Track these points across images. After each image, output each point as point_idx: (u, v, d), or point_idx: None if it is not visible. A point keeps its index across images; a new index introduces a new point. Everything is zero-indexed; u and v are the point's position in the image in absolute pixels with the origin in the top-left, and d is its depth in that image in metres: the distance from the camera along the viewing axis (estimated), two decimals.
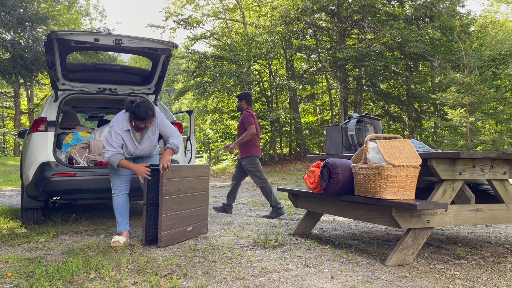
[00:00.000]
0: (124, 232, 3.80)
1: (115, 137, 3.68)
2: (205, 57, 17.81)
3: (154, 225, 3.65)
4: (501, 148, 10.54)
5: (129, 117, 3.71)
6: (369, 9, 17.28)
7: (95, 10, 36.32)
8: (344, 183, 3.24)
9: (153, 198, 3.64)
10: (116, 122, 3.77)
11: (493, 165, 3.17)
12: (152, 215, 3.65)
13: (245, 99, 5.79)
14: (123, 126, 3.73)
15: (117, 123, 3.76)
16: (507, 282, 2.59)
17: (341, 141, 5.09)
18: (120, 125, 3.73)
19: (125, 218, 3.83)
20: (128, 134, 3.76)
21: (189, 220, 3.87)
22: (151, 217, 3.64)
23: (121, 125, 3.73)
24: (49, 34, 4.22)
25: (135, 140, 3.81)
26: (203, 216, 4.10)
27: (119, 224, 3.81)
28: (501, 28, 27.31)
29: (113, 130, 3.73)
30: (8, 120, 30.96)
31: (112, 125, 3.76)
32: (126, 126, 3.72)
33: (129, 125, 3.72)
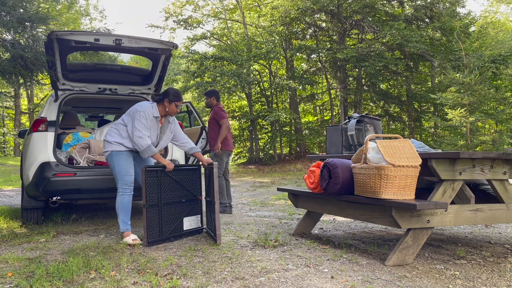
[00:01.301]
0: (129, 231, 3.79)
1: (146, 123, 3.76)
2: (205, 58, 17.82)
3: (156, 226, 3.65)
4: (501, 148, 10.54)
5: (161, 106, 3.88)
6: (369, 9, 17.29)
7: (95, 10, 36.31)
8: (344, 183, 3.24)
9: (153, 199, 3.65)
10: (146, 108, 3.82)
11: (493, 165, 3.17)
12: (153, 216, 3.65)
13: (214, 96, 6.00)
14: (154, 113, 3.84)
15: (147, 109, 3.82)
16: (507, 282, 2.59)
17: (341, 141, 5.09)
18: (150, 112, 3.82)
19: (129, 218, 3.84)
20: (156, 122, 3.88)
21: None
22: (151, 218, 3.64)
23: (151, 111, 3.83)
24: (49, 34, 4.22)
25: (157, 132, 3.91)
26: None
27: (125, 222, 3.78)
28: (501, 28, 27.30)
29: (143, 115, 3.77)
30: (8, 120, 30.95)
31: (141, 110, 3.79)
32: (156, 113, 3.85)
33: (158, 113, 3.86)
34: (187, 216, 3.97)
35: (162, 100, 3.90)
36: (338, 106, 19.85)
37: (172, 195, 3.85)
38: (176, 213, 3.88)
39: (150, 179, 3.65)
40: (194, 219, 4.08)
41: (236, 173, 16.51)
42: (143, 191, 3.61)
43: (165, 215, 3.75)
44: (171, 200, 3.83)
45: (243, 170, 17.00)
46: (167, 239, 3.75)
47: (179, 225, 3.89)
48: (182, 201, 3.94)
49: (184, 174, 3.97)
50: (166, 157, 4.87)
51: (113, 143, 3.82)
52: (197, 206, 4.12)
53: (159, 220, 3.70)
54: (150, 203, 3.63)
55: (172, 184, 3.85)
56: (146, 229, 3.58)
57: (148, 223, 3.60)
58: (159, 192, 3.71)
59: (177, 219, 3.88)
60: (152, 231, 3.63)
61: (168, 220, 3.79)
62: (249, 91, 18.71)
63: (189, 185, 4.02)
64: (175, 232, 3.84)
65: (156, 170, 3.71)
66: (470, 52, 14.42)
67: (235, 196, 8.36)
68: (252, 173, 15.95)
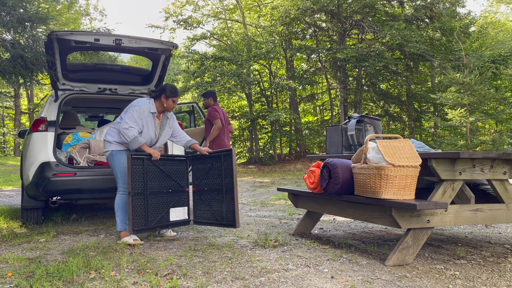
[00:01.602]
0: (127, 231, 3.77)
1: (138, 118, 3.76)
2: (205, 58, 17.82)
3: (141, 214, 3.66)
4: (501, 148, 10.54)
5: (159, 102, 3.89)
6: (369, 9, 17.29)
7: (95, 10, 36.31)
8: (344, 183, 3.24)
9: (138, 188, 3.65)
10: (141, 103, 3.82)
11: (493, 165, 3.17)
12: (139, 205, 3.65)
13: (211, 96, 6.05)
14: (150, 109, 3.84)
15: (143, 104, 3.83)
16: (507, 282, 2.59)
17: (341, 141, 5.09)
18: (147, 107, 3.82)
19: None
20: (153, 118, 3.88)
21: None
22: (137, 206, 3.63)
23: (147, 107, 3.82)
24: (49, 34, 4.22)
25: (156, 129, 3.91)
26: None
27: (123, 222, 3.77)
28: (501, 28, 27.30)
29: (137, 109, 3.77)
30: (8, 120, 30.96)
31: (136, 104, 3.80)
32: (153, 109, 3.85)
33: (155, 109, 3.87)
34: (173, 207, 3.97)
35: (159, 96, 3.91)
36: (338, 106, 19.86)
37: (159, 185, 3.84)
38: (162, 203, 3.87)
39: (136, 167, 3.64)
40: (181, 211, 4.05)
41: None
42: (128, 179, 3.59)
43: (151, 205, 3.75)
44: (157, 190, 3.82)
45: (243, 170, 17.01)
46: (153, 228, 3.78)
47: (165, 215, 3.88)
48: (169, 192, 3.94)
49: (171, 165, 3.99)
50: None
51: (113, 142, 3.82)
52: (184, 198, 4.10)
53: (145, 209, 3.68)
54: (135, 191, 3.62)
55: (159, 173, 3.85)
56: (132, 217, 3.57)
57: (134, 211, 3.59)
58: (145, 181, 3.70)
59: (163, 209, 3.87)
60: (137, 219, 3.61)
61: (154, 210, 3.78)
62: (249, 91, 18.71)
63: (176, 176, 4.02)
64: (161, 222, 3.84)
65: (142, 158, 3.70)
66: (470, 52, 14.42)
67: None
68: (252, 173, 15.94)
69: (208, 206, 4.01)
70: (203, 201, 4.06)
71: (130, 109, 3.80)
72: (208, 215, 4.02)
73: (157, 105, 3.92)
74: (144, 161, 3.71)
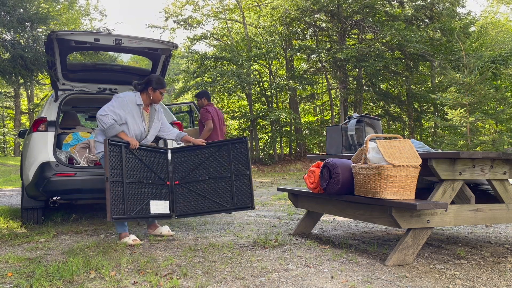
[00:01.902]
0: (126, 232, 3.75)
1: (118, 108, 3.66)
2: (205, 58, 17.82)
3: (119, 203, 3.50)
4: (501, 148, 10.54)
5: (145, 95, 3.81)
6: (369, 10, 17.29)
7: (95, 10, 36.33)
8: (344, 183, 3.24)
9: (116, 175, 3.51)
10: (125, 95, 3.74)
11: (493, 165, 3.17)
12: (116, 192, 3.49)
13: (205, 96, 6.07)
14: (136, 101, 3.75)
15: (127, 96, 3.74)
16: (507, 282, 2.59)
17: (341, 141, 5.09)
18: (131, 99, 3.73)
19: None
20: (139, 110, 3.79)
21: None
22: (115, 194, 3.48)
23: (132, 99, 3.74)
24: (49, 34, 4.22)
25: (144, 120, 3.83)
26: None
27: (122, 224, 3.73)
28: (502, 28, 27.30)
29: (119, 100, 3.68)
30: (8, 120, 30.97)
31: (118, 95, 3.72)
32: (139, 101, 3.77)
33: (141, 101, 3.79)
34: (154, 200, 3.84)
35: (146, 88, 3.83)
36: (338, 106, 19.86)
37: (138, 175, 3.72)
38: (142, 194, 3.74)
39: (113, 154, 3.52)
40: (162, 204, 3.92)
41: None
42: (105, 163, 3.45)
43: (129, 193, 3.60)
44: (136, 180, 3.70)
45: None
46: (132, 218, 3.63)
47: (145, 207, 3.75)
48: (149, 183, 3.82)
49: (150, 156, 3.88)
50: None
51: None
52: (165, 192, 3.99)
53: (123, 197, 3.54)
54: (113, 179, 3.47)
55: (138, 163, 3.73)
56: (110, 203, 3.40)
57: (112, 198, 3.43)
58: (122, 169, 3.56)
59: (143, 201, 3.74)
60: (115, 207, 3.45)
61: (133, 200, 3.64)
62: (249, 91, 18.71)
63: (156, 168, 3.92)
64: (141, 213, 3.70)
65: (120, 145, 3.59)
66: (470, 52, 14.42)
67: None
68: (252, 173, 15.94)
69: (205, 196, 4.02)
70: (195, 192, 4.02)
71: (112, 100, 3.74)
72: (207, 203, 4.03)
73: (143, 98, 3.84)
74: (122, 149, 3.59)
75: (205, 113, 5.85)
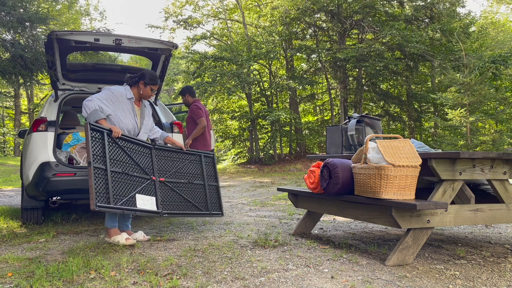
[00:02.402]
0: (116, 228, 3.67)
1: (106, 100, 3.56)
2: (205, 58, 17.82)
3: (103, 192, 3.28)
4: (501, 148, 10.54)
5: (136, 89, 3.73)
6: (369, 10, 17.29)
7: (95, 11, 36.36)
8: (344, 183, 3.24)
9: (99, 162, 3.32)
10: (115, 88, 3.65)
11: (493, 165, 3.17)
12: (100, 180, 3.28)
13: (187, 93, 5.83)
14: (126, 95, 3.67)
15: (117, 89, 3.65)
16: (507, 282, 2.59)
17: (341, 141, 5.09)
18: (121, 93, 3.64)
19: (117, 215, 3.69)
20: (131, 104, 3.71)
21: None
22: (98, 181, 3.25)
23: (122, 93, 3.65)
24: (49, 34, 4.22)
25: (135, 116, 3.75)
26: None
27: (113, 219, 3.64)
28: (502, 28, 27.31)
29: (109, 93, 3.58)
30: (8, 120, 30.97)
31: (108, 88, 3.61)
32: (129, 94, 3.69)
33: (132, 95, 3.71)
34: (140, 194, 3.63)
35: (137, 82, 3.73)
36: (338, 106, 19.87)
37: (122, 165, 3.53)
38: (127, 185, 3.52)
39: (95, 140, 3.35)
40: (149, 200, 3.70)
41: (236, 173, 16.51)
42: (87, 148, 3.27)
43: (114, 183, 3.39)
44: (121, 170, 3.49)
45: (243, 170, 17.01)
46: (118, 209, 3.35)
47: (131, 200, 3.51)
48: (134, 175, 3.61)
49: (134, 149, 3.72)
50: None
51: None
52: (151, 187, 3.78)
53: (107, 186, 3.32)
54: (96, 165, 3.26)
55: (121, 153, 3.56)
56: (93, 190, 3.17)
57: (95, 184, 3.21)
58: (105, 157, 3.37)
59: (128, 193, 3.50)
60: (100, 196, 3.23)
61: (118, 191, 3.42)
62: (249, 91, 18.72)
63: (140, 161, 3.73)
64: (127, 205, 3.46)
65: (102, 131, 3.42)
66: (470, 52, 14.42)
67: (235, 196, 8.36)
68: (252, 173, 15.95)
69: (186, 197, 4.05)
70: (177, 193, 4.00)
71: (101, 91, 3.66)
72: (185, 205, 4.05)
73: (134, 91, 3.75)
74: (104, 135, 3.42)
75: (196, 110, 5.67)
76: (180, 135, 5.15)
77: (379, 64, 15.96)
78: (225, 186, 11.36)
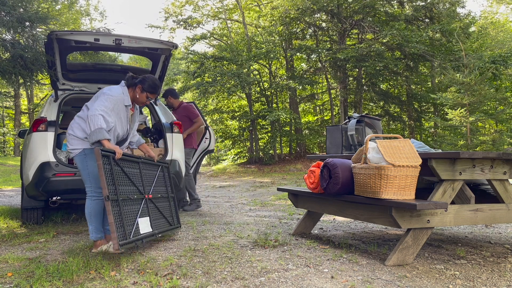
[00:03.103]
0: (108, 236, 3.47)
1: (111, 110, 3.26)
2: (205, 58, 17.82)
3: (120, 225, 3.03)
4: (501, 148, 10.54)
5: (132, 92, 3.46)
6: (369, 10, 17.30)
7: (95, 11, 36.33)
8: (344, 183, 3.23)
9: (111, 192, 3.05)
10: (115, 94, 3.32)
11: (493, 165, 3.17)
12: (116, 213, 3.03)
13: (170, 95, 5.94)
14: (125, 101, 3.38)
15: (117, 95, 3.32)
16: (507, 282, 2.59)
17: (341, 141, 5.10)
18: (121, 99, 3.35)
19: (102, 224, 3.44)
20: (127, 111, 3.45)
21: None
22: (116, 215, 3.02)
23: (121, 98, 3.35)
24: (49, 34, 4.22)
25: (128, 122, 3.51)
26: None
27: (98, 230, 3.36)
28: (502, 28, 27.31)
29: (111, 100, 3.25)
30: (8, 120, 30.98)
31: (108, 93, 3.28)
32: (127, 101, 3.40)
33: (130, 101, 3.43)
34: (140, 217, 3.35)
35: (135, 85, 3.46)
36: (338, 106, 19.87)
37: (125, 189, 3.25)
38: (132, 212, 3.28)
39: (104, 167, 3.05)
40: (146, 222, 3.44)
41: (236, 173, 16.51)
42: (101, 179, 2.97)
43: (125, 213, 3.13)
44: (126, 196, 3.22)
45: (243, 170, 17.01)
46: (132, 242, 3.10)
47: (137, 227, 3.25)
48: (134, 198, 3.34)
49: (130, 167, 3.41)
50: (166, 157, 4.85)
51: (84, 139, 3.30)
52: (145, 206, 3.51)
53: (121, 218, 3.06)
54: (111, 197, 3.00)
55: (122, 176, 3.27)
56: (115, 228, 2.89)
57: (116, 219, 2.96)
58: (114, 184, 3.10)
59: (133, 220, 3.26)
60: (119, 231, 2.96)
61: (128, 220, 3.16)
62: (249, 91, 18.72)
63: (135, 180, 3.46)
64: (136, 235, 3.18)
65: (109, 155, 3.12)
66: (470, 53, 14.41)
67: (235, 196, 8.37)
68: (252, 173, 15.95)
69: (161, 213, 3.77)
70: (157, 208, 3.72)
71: (102, 97, 3.27)
72: (163, 222, 3.79)
73: (130, 93, 3.46)
74: (110, 160, 3.13)
75: (192, 109, 5.78)
76: (180, 135, 5.16)
77: (379, 64, 15.96)
78: (225, 186, 11.37)
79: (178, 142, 5.05)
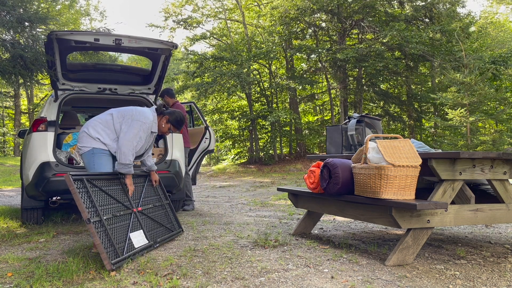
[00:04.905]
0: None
1: (141, 139, 3.41)
2: (205, 58, 17.82)
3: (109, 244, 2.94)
4: (501, 148, 10.54)
5: (159, 120, 3.61)
6: (369, 10, 17.29)
7: (95, 11, 36.33)
8: (344, 183, 3.23)
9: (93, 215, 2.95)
10: (147, 121, 3.45)
11: (493, 165, 3.17)
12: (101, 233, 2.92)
13: (166, 94, 5.98)
14: (153, 128, 3.54)
15: (149, 123, 3.47)
16: (507, 282, 2.59)
17: (341, 141, 5.10)
18: (150, 127, 3.50)
19: None
20: (151, 136, 3.61)
21: None
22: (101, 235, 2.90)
23: (150, 126, 3.50)
24: (49, 34, 4.22)
25: (148, 143, 3.64)
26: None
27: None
28: (502, 28, 27.31)
29: (143, 128, 3.40)
30: (8, 120, 30.97)
31: (144, 121, 3.42)
32: (154, 128, 3.56)
33: (156, 129, 3.59)
34: (131, 232, 3.30)
35: (163, 115, 3.62)
36: (338, 106, 19.87)
37: (108, 208, 3.18)
38: (122, 228, 3.21)
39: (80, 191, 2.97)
40: (140, 235, 3.40)
41: (236, 173, 16.51)
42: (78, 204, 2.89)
43: (113, 231, 3.07)
44: (111, 214, 3.15)
45: (243, 170, 17.01)
46: (126, 258, 3.02)
47: (129, 242, 3.21)
48: (120, 215, 3.25)
49: (111, 185, 3.35)
50: (166, 157, 4.86)
51: (96, 139, 3.39)
52: (135, 220, 3.43)
53: (109, 237, 2.97)
54: (93, 219, 2.90)
55: (103, 195, 3.20)
56: (103, 248, 2.81)
57: (102, 240, 2.87)
58: (95, 206, 3.02)
59: (124, 236, 3.21)
60: (109, 251, 2.89)
61: (118, 237, 3.10)
62: (249, 91, 18.72)
63: (118, 197, 3.37)
64: (130, 250, 3.14)
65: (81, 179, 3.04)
66: (470, 53, 14.41)
67: (235, 196, 8.37)
68: (252, 173, 15.95)
69: (157, 222, 3.75)
70: (152, 219, 3.70)
71: (136, 125, 3.38)
72: (163, 230, 3.80)
73: (158, 120, 3.63)
74: (85, 183, 3.04)
75: (183, 110, 5.94)
76: (180, 135, 5.17)
77: (379, 64, 15.96)
78: (225, 186, 11.36)
79: (178, 142, 5.06)
